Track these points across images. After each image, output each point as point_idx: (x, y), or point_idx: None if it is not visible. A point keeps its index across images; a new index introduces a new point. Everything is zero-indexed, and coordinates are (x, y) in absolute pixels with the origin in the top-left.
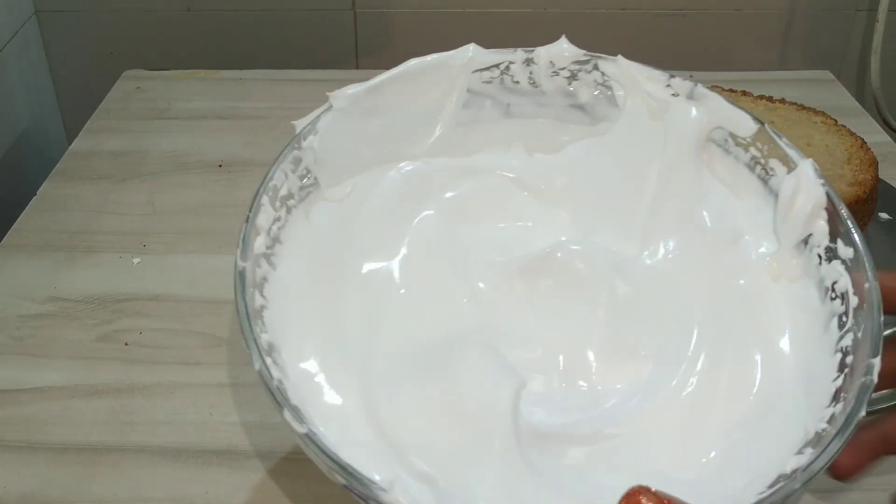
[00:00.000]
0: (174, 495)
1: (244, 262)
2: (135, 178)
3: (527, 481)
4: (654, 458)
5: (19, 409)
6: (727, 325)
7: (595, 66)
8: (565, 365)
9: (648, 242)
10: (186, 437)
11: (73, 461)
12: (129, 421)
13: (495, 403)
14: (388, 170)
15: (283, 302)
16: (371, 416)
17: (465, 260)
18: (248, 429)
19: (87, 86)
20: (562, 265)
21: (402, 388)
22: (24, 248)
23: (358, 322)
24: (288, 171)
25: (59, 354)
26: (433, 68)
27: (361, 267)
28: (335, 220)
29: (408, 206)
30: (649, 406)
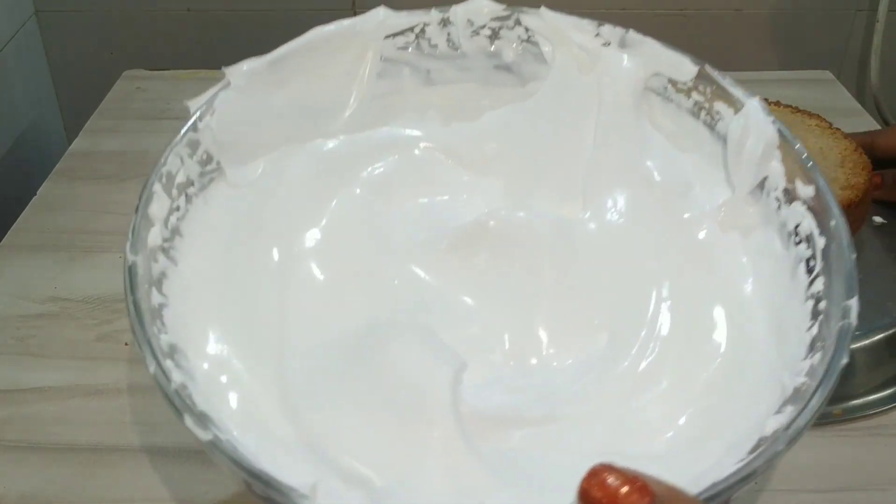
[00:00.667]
0: (174, 495)
1: (134, 256)
2: (135, 178)
3: (474, 471)
4: (617, 436)
5: (19, 409)
6: (686, 283)
7: (517, 21)
8: (511, 343)
9: (591, 203)
10: (186, 437)
11: (73, 461)
12: (129, 421)
13: (432, 389)
14: (299, 149)
15: (186, 299)
16: (292, 418)
17: (390, 239)
18: None
19: (87, 86)
20: (498, 235)
21: (326, 383)
22: (24, 248)
23: (272, 316)
24: (184, 155)
25: (59, 354)
26: (340, 36)
27: (273, 255)
28: (243, 206)
29: (323, 186)
30: (607, 380)
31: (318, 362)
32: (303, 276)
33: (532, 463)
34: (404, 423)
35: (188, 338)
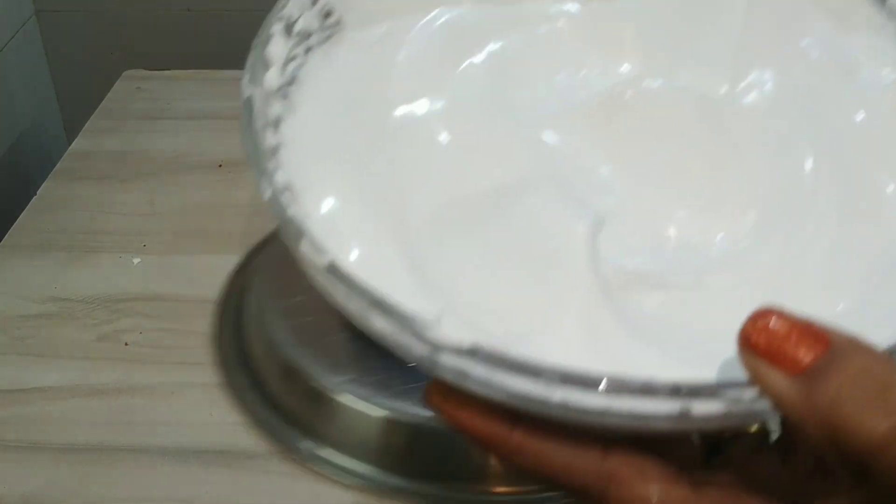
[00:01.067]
0: (174, 495)
1: (252, 89)
2: (135, 178)
3: (609, 328)
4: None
5: (19, 409)
6: (847, 163)
7: None
8: (651, 214)
9: (740, 79)
10: (186, 437)
11: (73, 461)
12: (129, 421)
13: (568, 243)
14: (425, 15)
15: (303, 145)
16: (416, 272)
17: (519, 109)
18: (247, 429)
19: (87, 86)
20: (635, 107)
21: (452, 239)
22: (24, 248)
23: (393, 174)
24: (305, 3)
25: (59, 354)
26: None
27: (394, 115)
28: (363, 66)
29: (448, 54)
30: (759, 254)
31: (442, 219)
32: (425, 137)
33: (673, 327)
34: (537, 277)
35: (304, 184)
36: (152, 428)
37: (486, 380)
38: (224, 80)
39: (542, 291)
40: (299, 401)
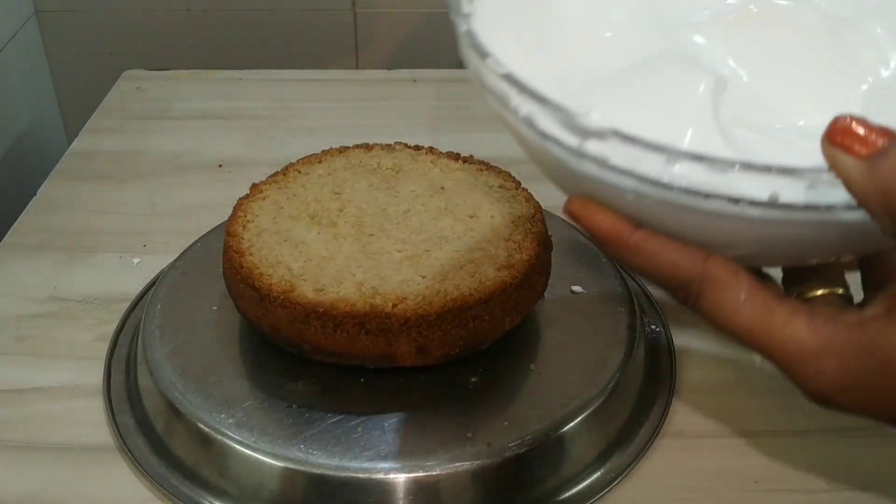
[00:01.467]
0: (174, 495)
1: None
2: (135, 178)
3: (722, 151)
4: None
5: (19, 409)
6: None
7: None
8: (767, 95)
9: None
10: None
11: (73, 461)
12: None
13: (696, 95)
14: None
15: (490, 21)
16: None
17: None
18: None
19: (87, 86)
20: (767, 17)
21: (602, 93)
22: (24, 248)
23: (556, 47)
24: None
25: (59, 354)
26: None
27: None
28: None
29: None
30: None
31: (595, 82)
32: (591, 32)
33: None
34: (667, 113)
35: (486, 35)
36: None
37: (623, 165)
38: (224, 80)
39: (669, 123)
40: None
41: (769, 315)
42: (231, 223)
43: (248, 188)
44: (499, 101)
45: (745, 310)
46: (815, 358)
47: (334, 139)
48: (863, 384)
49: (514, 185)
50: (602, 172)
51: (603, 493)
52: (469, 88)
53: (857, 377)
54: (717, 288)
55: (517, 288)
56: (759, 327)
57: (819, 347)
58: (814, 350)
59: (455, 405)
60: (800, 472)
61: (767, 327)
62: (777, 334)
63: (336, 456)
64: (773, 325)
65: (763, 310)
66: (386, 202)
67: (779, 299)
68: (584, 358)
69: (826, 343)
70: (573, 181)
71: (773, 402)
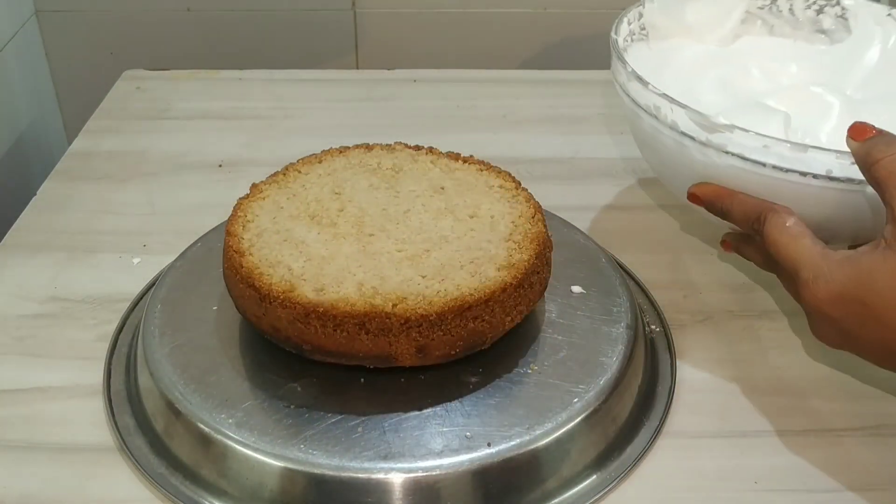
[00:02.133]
0: (174, 496)
1: (616, 37)
2: (135, 178)
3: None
4: None
5: (19, 409)
6: None
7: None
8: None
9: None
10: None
11: (73, 461)
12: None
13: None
14: (691, 45)
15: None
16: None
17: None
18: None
19: (87, 86)
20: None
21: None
22: (24, 248)
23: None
24: (635, 18)
25: (59, 354)
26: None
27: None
28: (655, 57)
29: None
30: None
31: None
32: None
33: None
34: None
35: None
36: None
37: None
38: (224, 80)
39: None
40: None
41: (801, 237)
42: (231, 223)
43: (248, 188)
44: (650, 113)
45: (788, 231)
46: (816, 268)
47: (334, 139)
48: (850, 300)
49: (514, 185)
50: (719, 156)
51: (603, 493)
52: (469, 88)
53: (847, 295)
54: (774, 215)
55: (517, 288)
56: (790, 243)
57: (821, 262)
58: (818, 262)
59: (455, 405)
60: (800, 472)
61: (795, 244)
62: (799, 247)
63: (336, 456)
64: (799, 243)
65: (798, 234)
66: (386, 202)
67: (812, 233)
68: (584, 358)
69: (828, 261)
70: (691, 167)
71: (773, 402)
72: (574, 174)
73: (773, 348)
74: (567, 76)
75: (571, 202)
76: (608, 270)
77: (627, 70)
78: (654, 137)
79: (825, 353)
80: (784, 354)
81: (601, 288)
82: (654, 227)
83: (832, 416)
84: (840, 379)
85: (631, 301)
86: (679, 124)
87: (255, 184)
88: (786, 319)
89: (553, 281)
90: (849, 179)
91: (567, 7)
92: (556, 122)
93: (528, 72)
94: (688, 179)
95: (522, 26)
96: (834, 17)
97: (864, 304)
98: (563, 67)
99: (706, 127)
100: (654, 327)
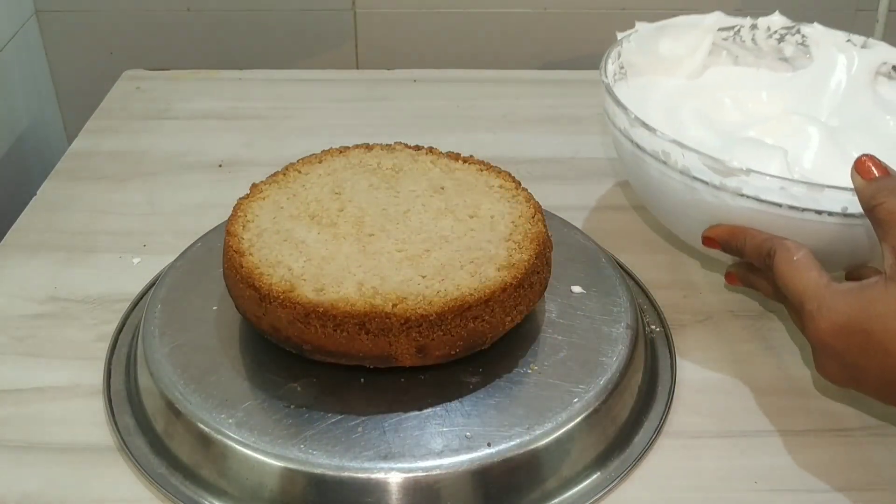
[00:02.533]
0: (174, 496)
1: (605, 79)
2: (135, 178)
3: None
4: None
5: (19, 409)
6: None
7: (798, 30)
8: (798, 157)
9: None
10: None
11: (73, 461)
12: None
13: (778, 155)
14: (665, 80)
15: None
16: None
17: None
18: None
19: (87, 86)
20: (787, 122)
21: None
22: (24, 248)
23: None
24: (615, 57)
25: (59, 354)
26: (691, 23)
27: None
28: (635, 94)
29: (676, 100)
30: None
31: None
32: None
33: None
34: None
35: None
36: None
37: (751, 193)
38: (224, 80)
39: (760, 166)
40: None
41: (807, 270)
42: (231, 223)
43: (248, 188)
44: (659, 159)
45: (796, 265)
46: (819, 299)
47: (334, 139)
48: (854, 330)
49: (514, 185)
50: (732, 199)
51: (603, 493)
52: (469, 88)
53: (850, 325)
54: (783, 250)
55: (517, 288)
56: (796, 276)
57: (825, 293)
58: (822, 293)
59: (455, 405)
60: (800, 472)
61: (801, 277)
62: (805, 280)
63: (336, 456)
64: (805, 276)
65: (805, 266)
66: (386, 202)
67: (820, 266)
68: (584, 358)
69: (831, 291)
70: (701, 209)
71: (773, 402)
72: (574, 174)
73: (774, 348)
74: (567, 76)
75: (571, 202)
76: (608, 270)
77: (630, 116)
78: (661, 182)
79: None
80: (784, 354)
81: (601, 288)
82: (654, 227)
83: (833, 415)
84: None
85: (631, 301)
86: (691, 169)
87: (255, 184)
88: (786, 319)
89: (553, 281)
90: (863, 215)
91: (567, 7)
92: (556, 122)
93: (528, 72)
94: (696, 222)
95: (522, 26)
96: (795, 44)
97: (866, 333)
98: (563, 67)
99: (721, 171)
100: (654, 327)
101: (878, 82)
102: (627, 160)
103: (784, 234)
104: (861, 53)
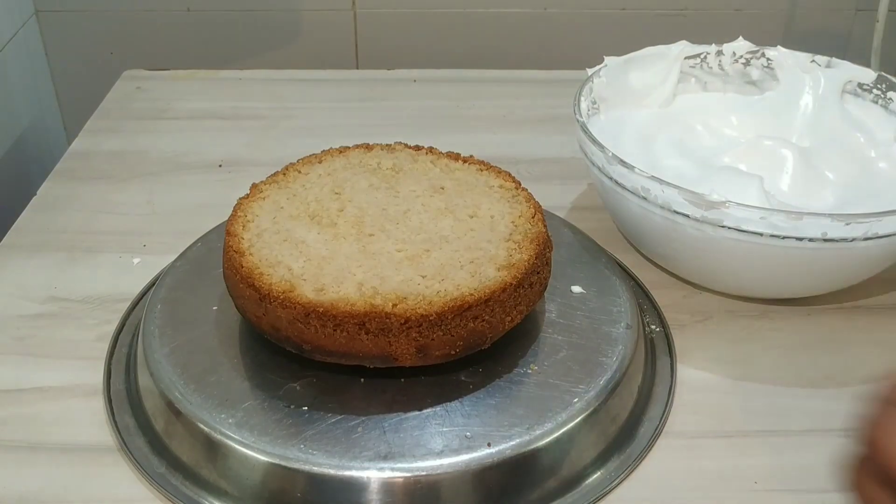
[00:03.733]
0: (174, 496)
1: (579, 116)
2: (135, 178)
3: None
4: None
5: (19, 409)
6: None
7: (763, 54)
8: (772, 185)
9: (808, 136)
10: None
11: (73, 461)
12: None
13: (755, 184)
14: (637, 111)
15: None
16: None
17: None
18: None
19: (87, 86)
20: (762, 149)
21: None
22: (24, 248)
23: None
24: (588, 94)
25: (59, 354)
26: (660, 54)
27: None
28: (608, 128)
29: (651, 130)
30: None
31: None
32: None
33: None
34: (735, 193)
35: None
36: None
37: (731, 224)
38: (224, 80)
39: (738, 195)
40: None
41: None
42: (231, 223)
43: (248, 188)
44: (639, 195)
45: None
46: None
47: (334, 139)
48: None
49: (514, 185)
50: (714, 230)
51: (603, 493)
52: (469, 88)
53: None
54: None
55: (517, 288)
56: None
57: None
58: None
59: (455, 405)
60: (800, 472)
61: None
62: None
63: (336, 456)
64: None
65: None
66: (386, 202)
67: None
68: (584, 358)
69: None
70: (684, 242)
71: (774, 402)
72: (574, 174)
73: (773, 348)
74: (567, 76)
75: (571, 202)
76: (608, 270)
77: (608, 154)
78: (642, 216)
79: (825, 353)
80: (784, 354)
81: (601, 288)
82: None
83: (832, 416)
84: (841, 379)
85: (631, 301)
86: (672, 204)
87: (255, 184)
88: (786, 319)
89: (553, 281)
90: (843, 239)
91: (567, 7)
92: (556, 122)
93: (528, 72)
94: (680, 254)
95: (522, 26)
96: (761, 67)
97: None
98: (563, 67)
99: (701, 205)
100: (654, 327)
101: (846, 100)
102: (608, 197)
103: (766, 260)
104: (826, 73)
